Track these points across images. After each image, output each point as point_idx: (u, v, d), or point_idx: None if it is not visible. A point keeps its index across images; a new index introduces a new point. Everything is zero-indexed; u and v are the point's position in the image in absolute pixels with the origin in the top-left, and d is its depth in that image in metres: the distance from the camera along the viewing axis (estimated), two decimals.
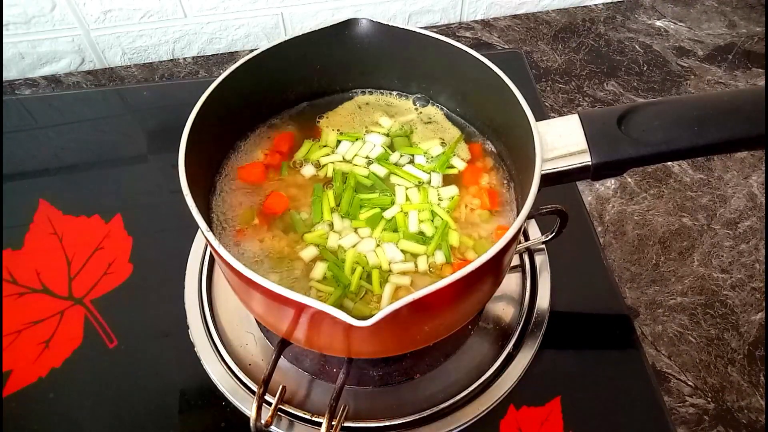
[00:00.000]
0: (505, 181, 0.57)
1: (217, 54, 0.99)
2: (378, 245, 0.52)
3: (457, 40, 0.54)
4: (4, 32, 0.88)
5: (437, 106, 0.62)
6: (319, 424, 0.53)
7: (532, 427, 0.58)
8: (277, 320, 0.49)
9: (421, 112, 0.62)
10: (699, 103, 0.50)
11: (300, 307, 0.42)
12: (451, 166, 0.57)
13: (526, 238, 0.68)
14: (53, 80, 0.94)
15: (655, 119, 0.48)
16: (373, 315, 0.37)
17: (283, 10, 0.95)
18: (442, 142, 0.59)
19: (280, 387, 0.56)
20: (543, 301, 0.64)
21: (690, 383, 0.64)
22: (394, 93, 0.63)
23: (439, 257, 0.51)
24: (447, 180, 0.57)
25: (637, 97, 0.92)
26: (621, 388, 0.61)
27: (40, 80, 0.94)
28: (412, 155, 0.58)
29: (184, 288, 0.65)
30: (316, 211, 0.53)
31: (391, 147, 0.59)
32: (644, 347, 0.64)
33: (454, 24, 1.04)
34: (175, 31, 0.94)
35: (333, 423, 0.52)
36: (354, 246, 0.52)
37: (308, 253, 0.51)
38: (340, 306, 0.47)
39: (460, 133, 0.60)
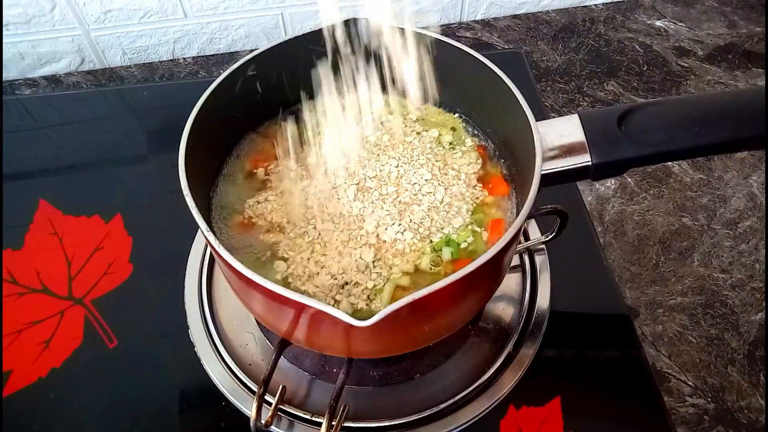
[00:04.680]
0: (506, 181, 0.57)
1: (217, 54, 0.99)
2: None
3: (457, 40, 0.54)
4: (4, 32, 0.88)
5: (436, 107, 0.62)
6: (319, 424, 0.53)
7: (532, 427, 0.58)
8: (277, 320, 0.49)
9: (422, 113, 0.62)
10: (699, 103, 0.50)
11: (300, 307, 0.42)
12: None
13: (526, 238, 0.68)
14: (53, 80, 0.94)
15: (655, 119, 0.48)
16: (373, 315, 0.37)
17: (283, 10, 0.95)
18: (452, 128, 0.59)
19: (280, 387, 0.56)
20: (543, 301, 0.64)
21: (690, 383, 0.64)
22: (394, 93, 0.63)
23: (446, 254, 0.51)
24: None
25: (637, 97, 0.92)
26: (621, 388, 0.61)
27: (40, 80, 0.94)
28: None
29: (184, 288, 0.65)
30: None
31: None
32: (644, 347, 0.64)
33: (454, 24, 1.04)
34: (175, 31, 0.94)
35: (333, 423, 0.52)
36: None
37: None
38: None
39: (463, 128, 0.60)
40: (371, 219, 0.52)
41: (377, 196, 0.53)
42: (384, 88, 0.63)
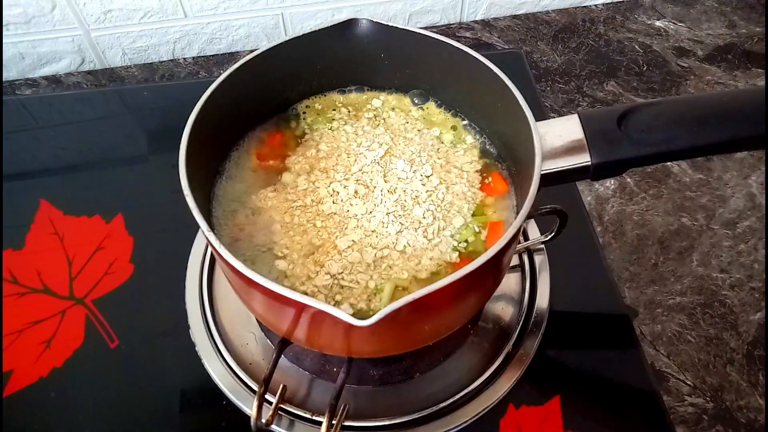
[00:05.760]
0: (505, 181, 0.57)
1: (217, 54, 0.99)
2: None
3: (457, 40, 0.54)
4: (4, 32, 0.88)
5: (437, 106, 0.62)
6: (320, 423, 0.53)
7: (531, 426, 0.58)
8: (278, 320, 0.49)
9: (423, 112, 0.62)
10: (699, 103, 0.50)
11: (300, 307, 0.42)
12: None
13: (526, 238, 0.68)
14: (53, 80, 0.94)
15: (655, 119, 0.48)
16: (373, 315, 0.37)
17: (284, 10, 0.95)
18: (452, 126, 0.60)
19: (281, 386, 0.56)
20: (542, 300, 0.65)
21: (689, 382, 0.64)
22: (394, 93, 0.63)
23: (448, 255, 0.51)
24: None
25: (637, 97, 0.92)
26: (620, 388, 0.61)
27: (40, 80, 0.94)
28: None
29: (184, 288, 0.65)
30: None
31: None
32: (643, 347, 0.64)
33: (454, 24, 1.04)
34: (175, 31, 0.94)
35: (333, 422, 0.52)
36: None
37: None
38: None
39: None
40: (371, 218, 0.52)
41: (377, 194, 0.53)
42: (384, 86, 0.63)
